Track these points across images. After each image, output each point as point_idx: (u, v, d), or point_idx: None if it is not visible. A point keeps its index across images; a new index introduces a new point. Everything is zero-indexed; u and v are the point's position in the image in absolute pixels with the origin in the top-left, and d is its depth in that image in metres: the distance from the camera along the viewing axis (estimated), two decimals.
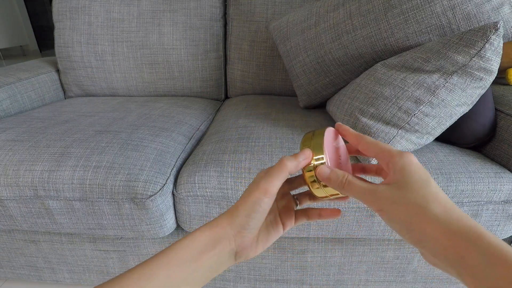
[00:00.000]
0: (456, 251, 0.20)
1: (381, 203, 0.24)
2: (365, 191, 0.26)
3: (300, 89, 0.97)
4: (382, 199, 0.24)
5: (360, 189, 0.26)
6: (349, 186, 0.27)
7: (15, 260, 0.84)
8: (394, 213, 0.24)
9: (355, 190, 0.26)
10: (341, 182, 0.27)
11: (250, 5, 1.13)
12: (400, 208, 0.23)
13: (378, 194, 0.25)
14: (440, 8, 0.71)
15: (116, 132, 0.79)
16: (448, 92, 0.62)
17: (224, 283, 0.82)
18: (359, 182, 0.27)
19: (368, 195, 0.25)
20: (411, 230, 0.23)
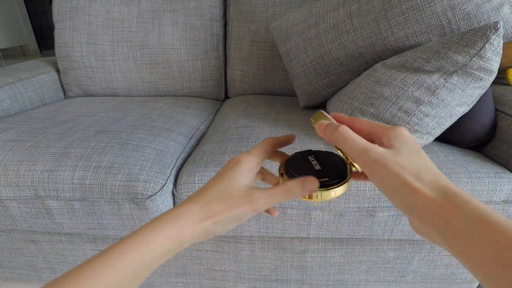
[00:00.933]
0: (443, 216, 0.20)
1: (374, 165, 0.24)
2: (359, 147, 0.25)
3: (300, 89, 0.97)
4: (375, 161, 0.24)
5: (355, 144, 0.25)
6: (344, 138, 0.26)
7: (15, 260, 0.84)
8: (385, 177, 0.23)
9: (349, 143, 0.26)
10: (336, 131, 0.26)
11: (250, 5, 1.13)
12: (392, 173, 0.23)
13: (372, 155, 0.24)
14: (440, 8, 0.71)
15: (116, 132, 0.79)
16: (448, 92, 0.62)
17: (224, 283, 0.82)
18: (355, 136, 0.26)
19: (361, 153, 0.25)
20: (401, 196, 0.23)
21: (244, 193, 0.27)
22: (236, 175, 0.28)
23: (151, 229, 0.25)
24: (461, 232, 0.19)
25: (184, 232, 0.26)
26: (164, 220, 0.26)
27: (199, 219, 0.26)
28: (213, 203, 0.27)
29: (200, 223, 0.26)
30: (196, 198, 0.28)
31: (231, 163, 0.30)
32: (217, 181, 0.29)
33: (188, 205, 0.27)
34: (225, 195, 0.27)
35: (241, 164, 0.29)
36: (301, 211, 0.66)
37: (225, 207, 0.27)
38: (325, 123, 0.28)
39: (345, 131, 0.26)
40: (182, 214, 0.26)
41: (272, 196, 0.27)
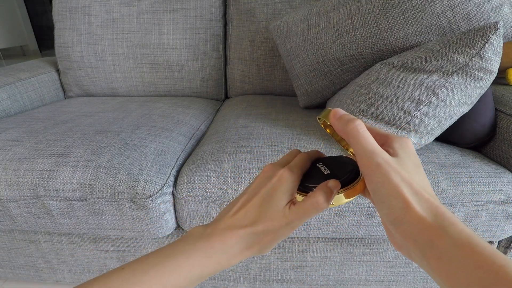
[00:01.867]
0: (429, 236, 0.20)
1: (375, 169, 0.23)
2: (368, 147, 0.24)
3: (300, 89, 0.97)
4: (378, 165, 0.23)
5: (366, 142, 0.24)
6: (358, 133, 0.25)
7: (15, 260, 0.84)
8: (382, 184, 0.23)
9: (360, 140, 0.25)
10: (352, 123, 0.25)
11: (250, 5, 1.13)
12: (390, 182, 0.23)
13: (377, 158, 0.23)
14: (440, 8, 0.71)
15: (116, 132, 0.79)
16: (448, 92, 0.62)
17: (224, 283, 0.82)
18: (369, 135, 0.25)
19: (368, 153, 0.24)
20: (390, 208, 0.22)
21: (283, 213, 0.27)
22: (277, 194, 0.28)
23: (206, 255, 0.26)
24: (445, 253, 0.19)
25: (233, 260, 0.27)
26: (217, 247, 0.26)
27: (247, 246, 0.27)
28: (258, 227, 0.27)
29: (247, 250, 0.27)
30: (241, 221, 0.28)
31: (273, 179, 0.29)
32: (259, 200, 0.28)
33: (236, 231, 0.27)
34: (267, 217, 0.27)
35: (284, 184, 0.28)
36: None
37: (268, 231, 0.27)
38: (342, 111, 0.27)
39: (360, 126, 0.25)
40: (233, 243, 0.27)
41: (305, 214, 0.27)
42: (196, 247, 0.26)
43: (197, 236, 0.27)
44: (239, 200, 0.29)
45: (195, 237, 0.27)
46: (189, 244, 0.26)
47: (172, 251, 0.26)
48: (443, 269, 0.19)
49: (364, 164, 0.24)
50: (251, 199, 0.29)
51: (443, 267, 0.19)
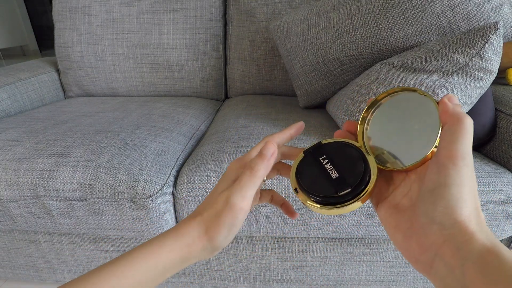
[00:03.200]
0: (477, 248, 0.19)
1: (458, 167, 0.22)
2: (464, 143, 0.22)
3: (300, 89, 0.97)
4: (464, 166, 0.22)
5: (467, 138, 0.22)
6: (466, 126, 0.22)
7: (15, 260, 0.84)
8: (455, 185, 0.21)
9: (463, 131, 0.22)
10: (465, 115, 0.23)
11: (250, 5, 1.13)
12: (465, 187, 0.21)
13: (467, 159, 0.22)
14: (440, 8, 0.71)
15: (116, 132, 0.79)
16: (448, 92, 0.62)
17: (224, 283, 0.82)
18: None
19: (461, 149, 0.22)
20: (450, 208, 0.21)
21: (221, 194, 0.27)
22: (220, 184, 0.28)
23: (161, 243, 0.26)
24: (491, 268, 0.18)
25: (187, 249, 0.26)
26: (171, 235, 0.26)
27: (198, 235, 0.26)
28: (205, 213, 0.27)
29: (198, 239, 0.26)
30: (196, 211, 0.28)
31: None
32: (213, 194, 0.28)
33: (190, 219, 0.27)
34: (210, 203, 0.27)
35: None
36: (301, 211, 0.66)
37: (214, 216, 0.26)
38: (455, 98, 0.24)
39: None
40: (185, 230, 0.27)
41: (240, 187, 0.26)
42: (157, 238, 0.26)
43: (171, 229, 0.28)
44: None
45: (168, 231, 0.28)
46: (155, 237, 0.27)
47: (135, 248, 0.26)
48: (484, 283, 0.18)
49: (451, 155, 0.22)
50: (212, 194, 0.29)
51: (486, 281, 0.18)
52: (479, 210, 0.21)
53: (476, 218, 0.21)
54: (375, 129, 0.29)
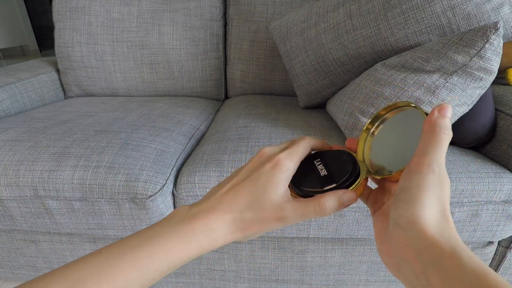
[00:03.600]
0: (437, 252, 0.19)
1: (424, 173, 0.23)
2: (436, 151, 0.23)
3: (300, 89, 0.97)
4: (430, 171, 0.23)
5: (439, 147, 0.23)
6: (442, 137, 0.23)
7: (15, 260, 0.84)
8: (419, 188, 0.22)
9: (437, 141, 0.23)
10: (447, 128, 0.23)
11: (250, 5, 1.13)
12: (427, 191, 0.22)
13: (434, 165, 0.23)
14: (440, 8, 0.71)
15: (116, 132, 0.79)
16: (448, 92, 0.62)
17: (224, 283, 0.82)
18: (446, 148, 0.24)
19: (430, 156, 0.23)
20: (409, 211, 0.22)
21: (277, 206, 0.25)
22: (273, 184, 0.26)
23: (185, 239, 0.25)
24: (451, 274, 0.18)
25: (215, 244, 0.25)
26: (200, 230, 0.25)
27: (231, 231, 0.26)
28: (246, 215, 0.26)
29: (231, 235, 0.26)
30: (229, 206, 0.26)
31: (267, 165, 0.26)
32: (251, 186, 0.26)
33: (221, 213, 0.26)
34: (258, 206, 0.25)
35: (280, 171, 0.26)
36: None
37: (257, 221, 0.26)
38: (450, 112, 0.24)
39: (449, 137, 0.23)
40: (217, 226, 0.25)
41: (304, 215, 0.26)
42: (176, 230, 0.25)
43: (179, 218, 0.26)
44: (229, 181, 0.27)
45: (177, 219, 0.26)
46: (170, 226, 0.25)
47: (151, 235, 0.24)
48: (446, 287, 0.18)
49: (419, 161, 0.23)
50: (241, 182, 0.27)
51: (448, 286, 0.18)
52: (445, 214, 0.21)
53: (439, 222, 0.21)
54: (377, 146, 0.30)
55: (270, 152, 0.28)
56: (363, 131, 0.30)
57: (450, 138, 0.23)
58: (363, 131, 0.30)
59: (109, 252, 0.23)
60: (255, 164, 0.27)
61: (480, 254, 0.75)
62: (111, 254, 0.23)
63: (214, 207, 0.26)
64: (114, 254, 0.23)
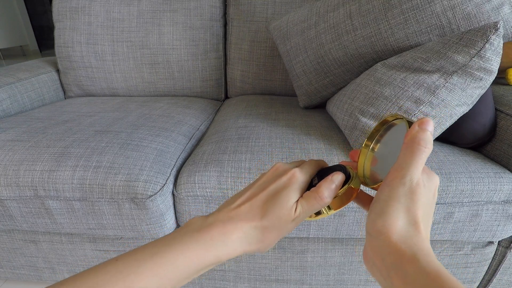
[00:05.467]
0: (396, 259, 0.21)
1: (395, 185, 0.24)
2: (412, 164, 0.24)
3: (300, 89, 0.97)
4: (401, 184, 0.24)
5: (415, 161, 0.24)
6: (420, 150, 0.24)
7: (15, 260, 0.84)
8: (389, 201, 0.23)
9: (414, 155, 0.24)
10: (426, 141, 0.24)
11: (250, 5, 1.13)
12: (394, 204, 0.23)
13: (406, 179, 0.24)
14: (440, 8, 0.71)
15: (116, 132, 0.79)
16: (448, 92, 0.62)
17: (224, 283, 0.82)
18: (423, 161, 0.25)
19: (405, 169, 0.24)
20: (377, 221, 0.23)
21: (291, 212, 0.27)
22: (288, 193, 0.28)
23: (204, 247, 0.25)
24: (411, 277, 0.20)
25: (233, 253, 0.26)
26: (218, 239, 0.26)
27: (249, 242, 0.27)
28: (263, 223, 0.27)
29: (249, 245, 0.27)
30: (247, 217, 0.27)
31: (284, 177, 0.28)
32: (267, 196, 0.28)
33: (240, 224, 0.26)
34: (274, 215, 0.27)
35: (295, 183, 0.28)
36: None
37: (274, 227, 0.27)
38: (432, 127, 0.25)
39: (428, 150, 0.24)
40: (235, 236, 0.26)
41: (311, 210, 0.27)
42: (195, 238, 0.25)
43: (196, 227, 0.26)
44: (244, 194, 0.28)
45: (194, 228, 0.26)
46: (188, 235, 0.25)
47: (170, 242, 0.25)
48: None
49: (393, 175, 0.24)
50: (258, 193, 0.28)
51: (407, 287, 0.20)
52: (414, 224, 0.23)
53: (405, 231, 0.22)
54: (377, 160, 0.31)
55: (285, 167, 0.30)
56: (363, 147, 0.32)
57: (429, 150, 0.24)
58: (363, 147, 0.32)
59: (126, 260, 0.24)
60: (270, 177, 0.29)
61: (480, 254, 0.75)
62: (129, 261, 0.24)
63: (231, 217, 0.27)
64: (133, 261, 0.24)
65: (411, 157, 0.24)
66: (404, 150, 0.24)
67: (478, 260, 0.76)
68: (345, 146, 0.72)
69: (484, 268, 0.77)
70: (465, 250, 0.74)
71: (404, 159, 0.24)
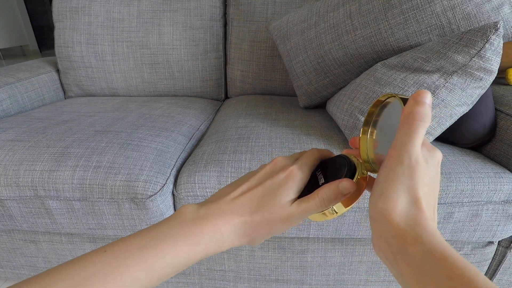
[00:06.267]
0: (400, 241, 0.20)
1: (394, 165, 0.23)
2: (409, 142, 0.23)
3: (300, 89, 0.97)
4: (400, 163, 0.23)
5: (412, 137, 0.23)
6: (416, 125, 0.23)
7: (15, 260, 0.84)
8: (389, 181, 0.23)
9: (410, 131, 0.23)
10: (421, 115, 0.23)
11: (250, 5, 1.13)
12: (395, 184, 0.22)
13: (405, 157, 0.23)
14: (440, 8, 0.71)
15: (116, 132, 0.79)
16: (448, 92, 0.62)
17: (224, 283, 0.82)
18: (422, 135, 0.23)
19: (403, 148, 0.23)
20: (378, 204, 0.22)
21: (284, 208, 0.27)
22: (284, 191, 0.27)
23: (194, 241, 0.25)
24: (416, 260, 0.19)
25: (222, 247, 0.26)
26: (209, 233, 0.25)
27: (240, 235, 0.26)
28: (255, 218, 0.26)
29: (239, 239, 0.26)
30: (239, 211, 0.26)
31: (281, 174, 0.27)
32: (263, 191, 0.27)
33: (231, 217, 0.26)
34: (267, 210, 0.26)
35: (293, 181, 0.27)
36: None
37: (265, 223, 0.26)
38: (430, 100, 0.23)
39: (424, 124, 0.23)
40: (225, 229, 0.26)
41: (307, 210, 0.27)
42: (185, 231, 0.25)
43: (187, 219, 0.26)
44: (239, 186, 0.28)
45: (184, 219, 0.26)
46: (178, 226, 0.25)
47: (159, 235, 0.24)
48: (413, 275, 0.19)
49: (390, 155, 0.23)
50: (253, 188, 0.27)
51: (414, 273, 0.19)
52: (415, 202, 0.22)
53: (406, 211, 0.21)
54: (378, 143, 0.30)
55: (284, 162, 0.29)
56: (362, 132, 0.31)
57: (427, 124, 0.23)
58: (362, 133, 0.31)
59: (115, 251, 0.23)
60: (268, 172, 0.28)
61: (480, 254, 0.75)
62: (118, 253, 0.23)
63: (224, 210, 0.26)
64: (121, 253, 0.23)
65: (407, 134, 0.22)
66: (400, 127, 0.23)
67: (478, 260, 0.76)
68: (345, 146, 0.72)
69: (484, 268, 0.77)
70: (465, 250, 0.74)
71: (401, 137, 0.23)
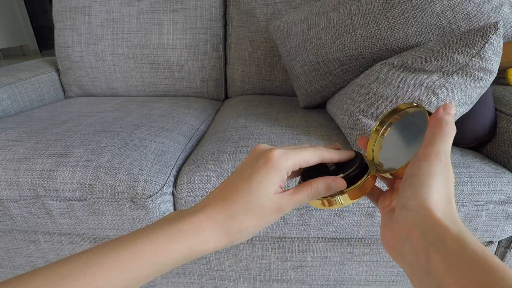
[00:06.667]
0: (440, 233, 0.20)
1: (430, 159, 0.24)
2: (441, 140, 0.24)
3: (300, 89, 0.97)
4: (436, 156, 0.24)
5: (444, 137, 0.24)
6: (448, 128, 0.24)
7: (15, 260, 0.84)
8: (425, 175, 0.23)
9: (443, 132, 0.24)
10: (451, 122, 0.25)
11: (250, 5, 1.13)
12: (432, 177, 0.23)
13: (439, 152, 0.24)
14: (440, 8, 0.71)
15: (116, 132, 0.79)
16: (448, 92, 0.62)
17: (224, 283, 0.82)
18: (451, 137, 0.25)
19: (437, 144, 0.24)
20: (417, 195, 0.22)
21: (274, 201, 0.26)
22: (266, 182, 0.25)
23: (172, 239, 0.24)
24: (455, 255, 0.19)
25: (206, 245, 0.25)
26: (188, 231, 0.24)
27: (224, 233, 0.25)
28: (241, 216, 0.25)
29: (225, 236, 0.25)
30: (221, 205, 0.25)
31: (260, 161, 0.26)
32: (243, 184, 0.25)
33: (212, 214, 0.25)
34: (254, 206, 0.25)
35: (272, 168, 0.25)
36: (301, 211, 0.66)
37: (255, 218, 0.25)
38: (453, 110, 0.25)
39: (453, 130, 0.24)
40: (206, 226, 0.25)
41: (299, 200, 0.27)
42: (163, 230, 0.24)
43: (169, 219, 0.25)
44: (223, 182, 0.27)
45: (165, 220, 0.25)
46: (156, 226, 0.24)
47: (139, 235, 0.24)
48: (448, 267, 0.19)
49: (427, 151, 0.24)
50: (234, 180, 0.26)
51: (449, 266, 0.19)
52: (451, 201, 0.22)
53: (445, 207, 0.22)
54: (386, 146, 0.31)
55: (265, 148, 0.27)
56: (373, 132, 0.31)
57: (454, 133, 0.24)
58: (373, 132, 0.31)
59: (93, 252, 0.23)
60: (247, 162, 0.27)
61: None
62: (94, 254, 0.23)
63: (204, 206, 0.26)
64: (97, 253, 0.23)
65: (441, 135, 0.23)
66: (432, 129, 0.24)
67: None
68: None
69: None
70: None
71: (435, 137, 0.24)
